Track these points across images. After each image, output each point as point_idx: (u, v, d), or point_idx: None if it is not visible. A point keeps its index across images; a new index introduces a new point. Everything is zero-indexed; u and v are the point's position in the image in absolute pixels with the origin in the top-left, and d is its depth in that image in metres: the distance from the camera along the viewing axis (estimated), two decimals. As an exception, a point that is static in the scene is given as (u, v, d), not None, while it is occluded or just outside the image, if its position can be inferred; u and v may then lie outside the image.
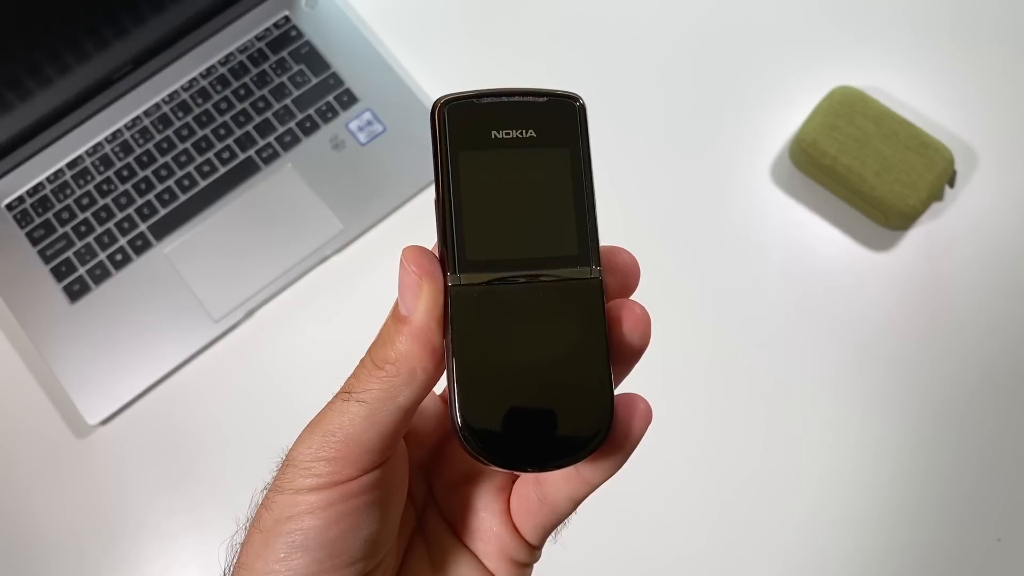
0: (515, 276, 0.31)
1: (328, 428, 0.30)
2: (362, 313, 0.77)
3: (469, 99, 0.32)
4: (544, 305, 0.31)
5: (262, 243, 0.80)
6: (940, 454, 0.74)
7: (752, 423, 0.76)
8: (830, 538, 0.73)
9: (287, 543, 0.29)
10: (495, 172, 0.32)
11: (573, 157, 0.32)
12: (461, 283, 0.31)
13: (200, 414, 0.77)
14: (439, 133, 0.32)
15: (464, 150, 0.32)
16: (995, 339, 0.77)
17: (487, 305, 0.30)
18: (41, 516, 0.75)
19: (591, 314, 0.31)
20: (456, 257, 0.31)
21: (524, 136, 0.32)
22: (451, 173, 0.32)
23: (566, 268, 0.31)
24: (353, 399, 0.30)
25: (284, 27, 0.86)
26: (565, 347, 0.30)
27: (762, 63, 0.85)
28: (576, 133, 0.33)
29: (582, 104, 0.33)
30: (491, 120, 0.32)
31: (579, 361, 0.30)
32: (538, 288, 0.31)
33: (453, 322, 0.30)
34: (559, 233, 0.32)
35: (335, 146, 0.82)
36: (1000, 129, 0.82)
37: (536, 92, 0.33)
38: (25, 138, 0.82)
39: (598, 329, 0.31)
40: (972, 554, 0.72)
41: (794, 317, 0.78)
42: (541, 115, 0.32)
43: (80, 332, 0.78)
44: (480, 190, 0.32)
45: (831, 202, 0.80)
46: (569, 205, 0.32)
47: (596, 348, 0.31)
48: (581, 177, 0.32)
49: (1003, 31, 0.85)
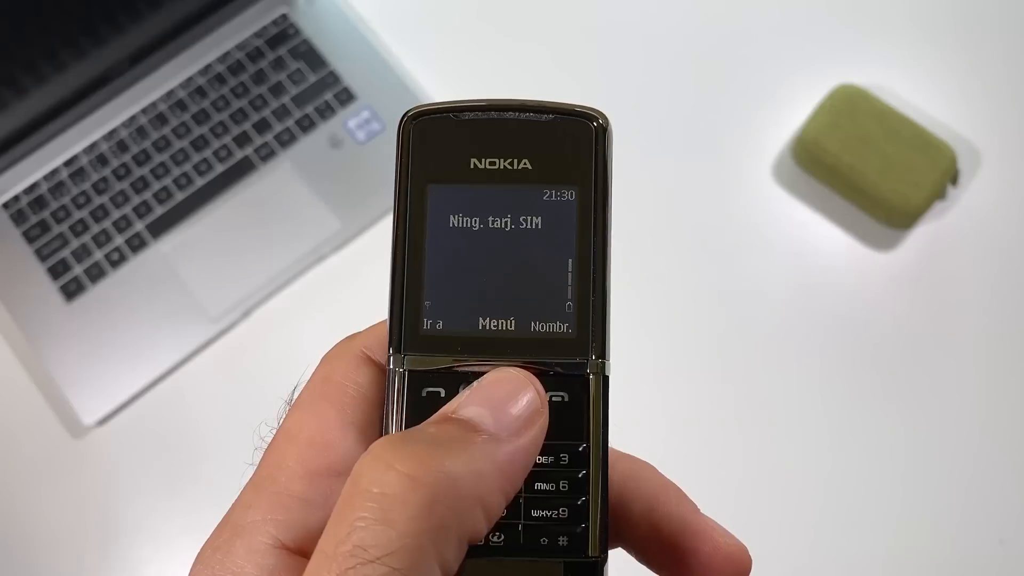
0: (482, 363, 0.23)
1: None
2: (361, 313, 0.76)
3: (445, 113, 0.24)
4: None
5: (260, 242, 0.79)
6: (942, 454, 0.74)
7: (753, 422, 0.75)
8: (832, 539, 0.73)
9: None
10: (471, 215, 0.24)
11: (583, 201, 0.24)
12: (405, 368, 0.24)
13: (197, 414, 0.76)
14: (401, 157, 0.24)
15: (433, 183, 0.24)
16: (998, 338, 0.76)
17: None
18: (37, 517, 0.75)
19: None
20: (403, 330, 0.24)
21: (515, 168, 0.24)
22: (410, 213, 0.24)
23: (556, 356, 0.23)
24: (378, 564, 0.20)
25: (282, 24, 0.85)
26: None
27: (764, 61, 0.85)
28: (590, 166, 0.25)
29: (601, 125, 0.25)
30: (473, 143, 0.24)
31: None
32: None
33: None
34: (551, 307, 0.24)
35: (333, 144, 0.82)
36: (1004, 127, 0.81)
37: (539, 107, 0.25)
38: (21, 136, 0.82)
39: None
40: (975, 556, 0.72)
41: (796, 316, 0.77)
42: (543, 139, 0.24)
43: (76, 331, 0.77)
44: (449, 239, 0.24)
45: (833, 201, 0.80)
46: (569, 268, 0.24)
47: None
48: (591, 230, 0.24)
49: (1006, 29, 0.85)
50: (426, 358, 0.24)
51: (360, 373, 0.25)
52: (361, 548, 0.20)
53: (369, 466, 0.21)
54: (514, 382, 0.23)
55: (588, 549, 0.23)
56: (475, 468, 0.21)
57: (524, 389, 0.22)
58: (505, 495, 0.22)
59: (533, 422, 0.22)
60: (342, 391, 0.25)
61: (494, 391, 0.22)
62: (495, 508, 0.22)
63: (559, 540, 0.23)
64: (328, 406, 0.25)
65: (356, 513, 0.20)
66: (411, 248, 0.24)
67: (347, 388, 0.25)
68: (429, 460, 0.21)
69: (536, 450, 0.22)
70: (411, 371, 0.24)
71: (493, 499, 0.21)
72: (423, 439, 0.22)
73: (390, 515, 0.20)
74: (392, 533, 0.20)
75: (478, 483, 0.21)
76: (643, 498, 0.26)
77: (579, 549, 0.23)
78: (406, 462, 0.21)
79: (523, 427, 0.22)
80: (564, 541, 0.23)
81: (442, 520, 0.20)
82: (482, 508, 0.21)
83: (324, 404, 0.25)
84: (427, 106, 0.25)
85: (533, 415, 0.22)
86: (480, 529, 0.21)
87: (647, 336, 0.77)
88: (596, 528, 0.23)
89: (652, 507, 0.26)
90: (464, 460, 0.21)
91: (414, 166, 0.24)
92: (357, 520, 0.20)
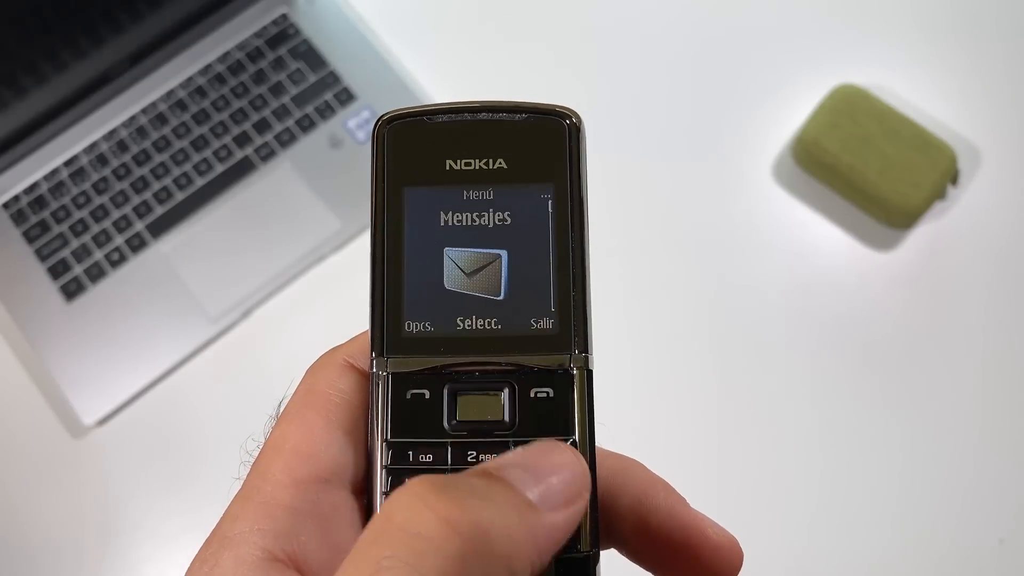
0: (465, 363, 0.23)
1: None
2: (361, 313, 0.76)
3: (418, 117, 0.25)
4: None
5: (259, 242, 0.79)
6: (942, 454, 0.74)
7: (752, 421, 0.75)
8: (831, 538, 0.73)
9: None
10: (448, 215, 0.24)
11: (559, 197, 0.24)
12: (388, 371, 0.24)
13: (197, 414, 0.76)
14: (376, 162, 0.25)
15: (409, 185, 0.24)
16: (998, 338, 0.76)
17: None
18: (37, 517, 0.75)
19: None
20: (385, 333, 0.24)
21: (490, 167, 0.24)
22: (387, 215, 0.24)
23: (539, 353, 0.23)
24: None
25: (282, 24, 0.85)
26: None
27: (764, 61, 0.85)
28: (564, 163, 0.24)
29: (574, 123, 0.25)
30: (447, 145, 0.24)
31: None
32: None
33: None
34: (533, 304, 0.24)
35: (333, 144, 0.82)
36: (1004, 127, 0.81)
37: (512, 107, 0.25)
38: (21, 136, 0.82)
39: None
40: (974, 556, 0.72)
41: (796, 316, 0.77)
42: (517, 138, 0.24)
43: (76, 331, 0.77)
44: (426, 240, 0.24)
45: (833, 201, 0.80)
46: (548, 264, 0.24)
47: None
48: (568, 225, 0.24)
49: (1007, 28, 0.85)
50: (409, 360, 0.24)
51: (344, 380, 0.25)
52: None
53: (406, 504, 0.20)
54: (563, 457, 0.22)
55: (579, 544, 0.23)
56: (510, 531, 0.20)
57: (571, 467, 0.22)
58: (532, 567, 0.21)
59: (574, 502, 0.22)
60: (326, 399, 0.25)
61: (540, 459, 0.22)
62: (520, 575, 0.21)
63: None
64: (313, 415, 0.25)
65: (385, 551, 0.19)
66: (389, 251, 0.24)
67: (331, 396, 0.25)
68: (468, 509, 0.20)
69: (571, 532, 0.21)
70: (395, 373, 0.24)
71: (520, 567, 0.20)
72: (464, 487, 0.21)
73: (422, 561, 0.19)
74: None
75: (510, 547, 0.20)
76: (632, 494, 0.25)
77: (570, 545, 0.23)
78: (446, 507, 0.20)
79: (563, 504, 0.21)
80: None
81: (470, 574, 0.19)
82: (508, 573, 0.20)
83: (309, 413, 0.25)
84: (400, 110, 0.25)
85: (576, 496, 0.22)
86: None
87: (647, 335, 0.77)
88: (586, 523, 0.23)
89: (641, 502, 0.25)
90: (501, 519, 0.20)
91: (390, 169, 0.24)
92: (385, 559, 0.19)
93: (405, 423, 0.23)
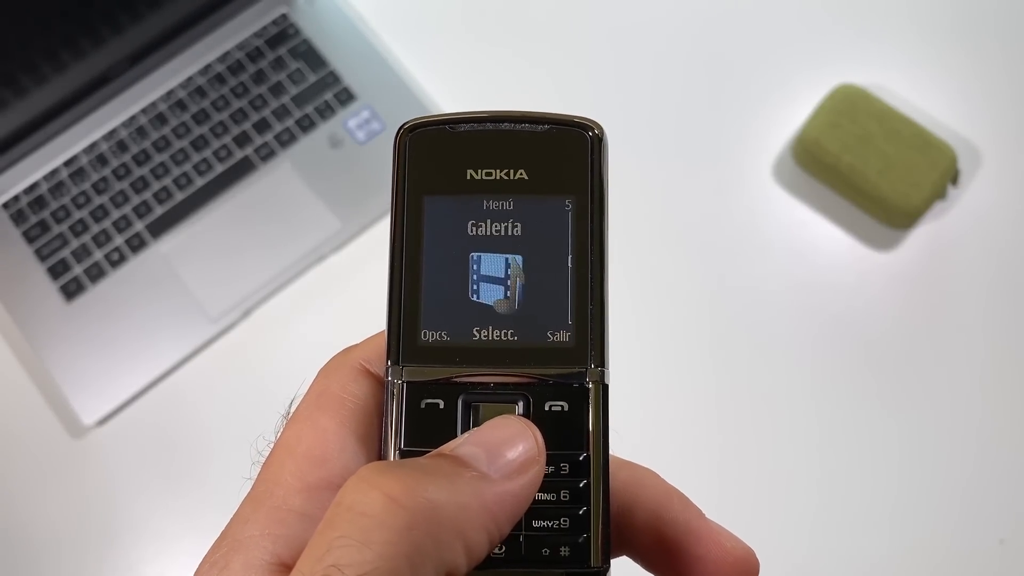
0: (481, 373, 0.23)
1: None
2: (360, 313, 0.77)
3: (440, 125, 0.25)
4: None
5: (259, 242, 0.79)
6: (942, 454, 0.74)
7: (753, 422, 0.75)
8: (831, 539, 0.73)
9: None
10: (468, 225, 0.24)
11: (579, 209, 0.24)
12: (404, 379, 0.24)
13: (197, 414, 0.76)
14: (397, 170, 0.24)
15: (429, 194, 0.24)
16: (998, 338, 0.76)
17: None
18: (37, 517, 0.75)
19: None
20: (402, 341, 0.24)
21: (511, 178, 0.24)
22: (406, 224, 0.24)
23: (555, 366, 0.23)
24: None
25: (282, 24, 0.85)
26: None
27: (764, 61, 0.85)
28: (586, 175, 0.25)
29: (596, 135, 0.25)
30: (469, 154, 0.24)
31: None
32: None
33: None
34: (550, 316, 0.24)
35: (333, 144, 0.82)
36: (1004, 127, 0.81)
37: (535, 117, 0.25)
38: (21, 136, 0.82)
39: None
40: (974, 556, 0.72)
41: (796, 316, 0.77)
42: (539, 149, 0.24)
43: (76, 331, 0.77)
44: (445, 249, 0.24)
45: (834, 201, 0.80)
46: (567, 277, 0.24)
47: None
48: (588, 238, 0.24)
49: (1007, 28, 0.85)
50: (425, 369, 0.24)
51: (358, 385, 0.25)
52: (337, 567, 0.20)
53: (353, 487, 0.21)
54: (513, 428, 0.22)
55: (590, 560, 0.23)
56: (459, 500, 0.21)
57: (522, 436, 0.22)
58: (488, 535, 0.21)
59: (527, 469, 0.22)
60: (340, 403, 0.25)
61: (492, 434, 0.22)
62: (477, 546, 0.21)
63: (561, 551, 0.23)
64: (326, 419, 0.25)
65: (335, 532, 0.20)
66: (408, 260, 0.24)
67: (345, 400, 0.25)
68: (413, 485, 0.21)
69: (527, 499, 0.22)
70: (409, 382, 0.24)
71: (475, 536, 0.21)
72: (412, 466, 0.22)
73: (368, 535, 0.20)
74: (369, 554, 0.20)
75: (460, 515, 0.21)
76: (647, 505, 0.26)
77: (581, 560, 0.23)
78: (390, 485, 0.20)
79: (516, 472, 0.22)
80: (566, 552, 0.23)
81: (419, 546, 0.20)
82: (463, 542, 0.21)
83: (322, 416, 0.25)
84: (423, 118, 0.25)
85: (528, 462, 0.22)
86: (459, 564, 0.21)
87: (648, 337, 0.77)
88: (598, 538, 0.23)
89: (656, 514, 0.25)
90: (449, 491, 0.21)
91: (411, 178, 0.24)
92: (336, 539, 0.20)
93: (419, 432, 0.23)
